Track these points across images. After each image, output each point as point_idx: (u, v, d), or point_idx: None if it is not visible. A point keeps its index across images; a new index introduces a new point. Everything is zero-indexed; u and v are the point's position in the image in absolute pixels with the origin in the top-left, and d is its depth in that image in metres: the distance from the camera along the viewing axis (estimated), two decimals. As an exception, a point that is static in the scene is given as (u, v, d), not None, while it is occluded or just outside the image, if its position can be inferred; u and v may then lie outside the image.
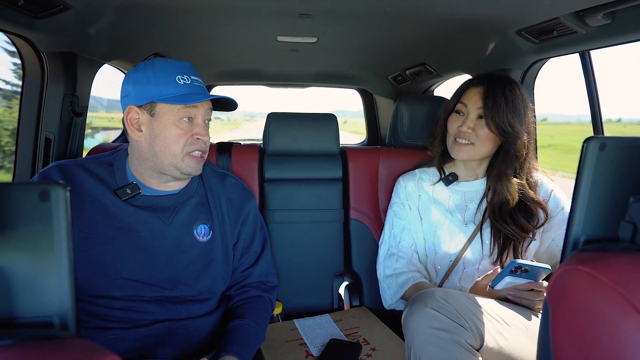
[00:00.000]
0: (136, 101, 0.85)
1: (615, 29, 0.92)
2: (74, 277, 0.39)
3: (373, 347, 1.03)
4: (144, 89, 0.84)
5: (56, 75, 1.16)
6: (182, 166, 0.87)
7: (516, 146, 1.00)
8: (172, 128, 0.85)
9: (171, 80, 0.83)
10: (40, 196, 0.37)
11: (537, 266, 0.83)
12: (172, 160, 0.86)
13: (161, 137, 0.85)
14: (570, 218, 0.48)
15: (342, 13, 1.15)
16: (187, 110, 0.85)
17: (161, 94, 0.83)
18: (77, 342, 0.36)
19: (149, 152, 0.87)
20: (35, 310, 0.37)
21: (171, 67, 0.85)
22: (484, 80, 1.03)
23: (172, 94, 0.83)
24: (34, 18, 0.96)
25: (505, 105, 0.98)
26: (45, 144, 1.18)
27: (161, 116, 0.84)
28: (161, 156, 0.86)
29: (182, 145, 0.86)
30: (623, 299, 0.37)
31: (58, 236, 0.37)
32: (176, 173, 0.88)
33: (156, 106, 0.84)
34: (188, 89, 0.84)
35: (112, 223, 0.86)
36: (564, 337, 0.43)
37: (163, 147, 0.85)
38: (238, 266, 1.01)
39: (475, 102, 1.02)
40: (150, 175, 0.90)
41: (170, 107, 0.84)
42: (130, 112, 0.86)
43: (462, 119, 1.05)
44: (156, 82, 0.83)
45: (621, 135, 0.51)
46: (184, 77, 0.85)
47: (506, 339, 0.80)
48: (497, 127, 0.99)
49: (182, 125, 0.85)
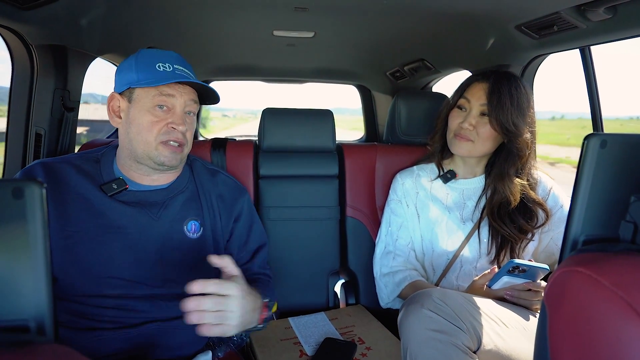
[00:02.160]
0: (117, 88, 0.86)
1: (616, 23, 0.90)
2: (51, 278, 0.37)
3: (368, 347, 1.02)
4: (125, 76, 0.84)
5: (46, 69, 1.14)
6: (155, 155, 0.85)
7: (519, 145, 0.98)
8: (146, 115, 0.84)
9: (151, 67, 0.83)
10: (14, 193, 0.35)
11: (535, 266, 0.82)
12: (145, 148, 0.85)
13: (135, 124, 0.84)
14: (570, 217, 0.47)
15: (339, 7, 1.13)
16: (162, 98, 0.84)
17: (138, 80, 0.83)
18: (53, 348, 0.34)
19: (125, 138, 0.87)
20: (10, 314, 0.35)
21: (154, 55, 0.85)
22: (490, 76, 1.00)
23: (149, 80, 0.82)
24: (22, 9, 0.93)
25: (510, 103, 0.95)
26: (36, 139, 1.16)
27: (137, 102, 0.84)
28: (135, 143, 0.85)
29: (156, 134, 0.84)
30: (624, 303, 0.35)
31: (33, 236, 0.36)
32: (150, 162, 0.87)
33: (134, 92, 0.84)
34: (167, 76, 0.83)
35: (97, 220, 0.84)
36: (561, 340, 0.42)
37: (136, 133, 0.85)
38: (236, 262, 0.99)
39: (479, 99, 1.00)
40: (130, 166, 0.89)
41: (146, 93, 0.84)
42: (112, 100, 0.87)
43: (464, 114, 1.03)
44: (136, 69, 0.83)
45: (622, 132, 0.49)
46: (166, 65, 0.84)
47: (504, 340, 0.79)
48: (501, 126, 0.97)
49: (157, 112, 0.84)
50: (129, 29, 1.31)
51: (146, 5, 1.12)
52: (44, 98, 1.15)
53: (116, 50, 1.44)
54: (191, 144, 0.93)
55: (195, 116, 0.93)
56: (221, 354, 0.93)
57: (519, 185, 1.00)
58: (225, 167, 1.25)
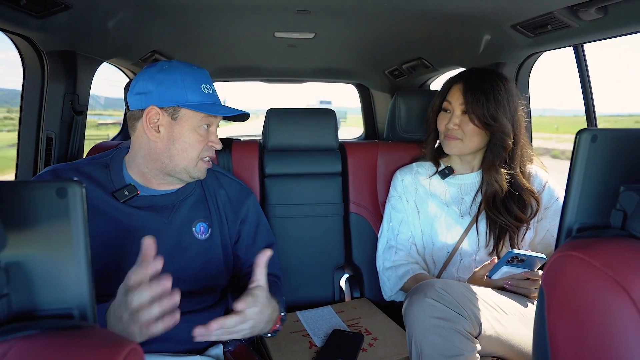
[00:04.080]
0: (159, 102, 0.85)
1: (608, 22, 0.94)
2: (92, 270, 0.40)
3: (375, 337, 1.05)
4: (169, 91, 0.84)
5: (56, 74, 1.16)
6: (194, 171, 0.90)
7: (502, 138, 1.02)
8: (192, 134, 0.87)
9: (198, 88, 0.86)
10: (58, 193, 0.38)
11: (533, 256, 0.85)
12: (187, 164, 0.89)
13: (180, 141, 0.87)
14: (564, 207, 0.50)
15: (340, 9, 1.16)
16: (207, 118, 0.88)
17: (187, 100, 0.85)
18: (97, 331, 0.38)
19: (164, 154, 0.88)
20: (56, 303, 0.38)
21: (197, 75, 0.87)
22: (463, 76, 1.07)
23: (198, 102, 0.86)
24: (35, 18, 0.96)
25: (486, 98, 1.00)
26: (47, 143, 1.18)
27: (184, 121, 0.86)
28: (177, 159, 0.88)
29: (199, 151, 0.89)
30: (614, 282, 0.39)
31: (76, 231, 0.39)
32: (185, 176, 0.91)
33: (180, 110, 0.86)
34: (211, 99, 0.88)
35: (111, 226, 0.86)
36: (558, 320, 0.45)
37: (181, 150, 0.87)
38: (245, 261, 1.02)
39: (458, 99, 1.05)
40: (155, 176, 0.91)
41: (194, 114, 0.86)
42: (151, 112, 0.85)
43: (448, 116, 1.08)
44: (183, 87, 0.84)
45: (612, 127, 0.53)
46: (207, 86, 0.88)
47: (503, 326, 0.82)
48: (480, 120, 1.01)
49: (202, 132, 0.88)
50: (134, 33, 1.33)
51: (150, 10, 1.15)
52: (55, 102, 1.18)
53: (122, 55, 1.46)
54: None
55: None
56: (232, 347, 0.96)
57: (505, 174, 1.04)
58: (231, 167, 1.28)
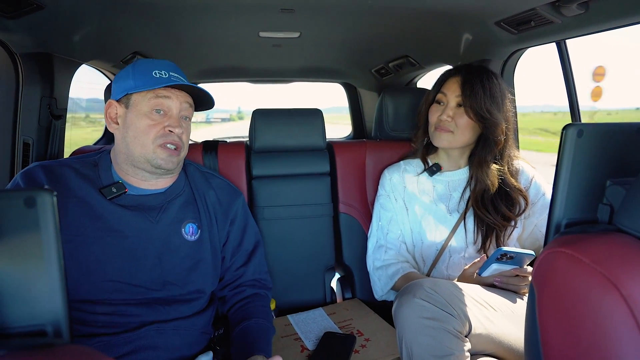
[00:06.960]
0: (115, 95, 0.89)
1: (589, 18, 0.95)
2: (66, 283, 0.38)
3: (367, 338, 1.05)
4: (122, 84, 0.87)
5: (32, 77, 1.12)
6: (153, 157, 0.87)
7: (495, 133, 1.03)
8: (143, 118, 0.86)
9: (147, 74, 0.86)
10: (26, 202, 0.36)
11: (522, 253, 0.86)
12: (142, 151, 0.86)
13: (132, 128, 0.86)
14: (552, 203, 0.50)
15: (325, 7, 1.15)
16: (158, 100, 0.86)
17: (135, 86, 0.85)
18: (72, 348, 0.35)
19: (122, 143, 0.88)
20: (28, 319, 0.36)
21: (150, 64, 0.88)
22: (462, 69, 1.07)
23: (145, 85, 0.85)
24: (7, 18, 0.92)
25: (483, 92, 1.01)
26: (24, 148, 1.14)
27: (134, 107, 0.87)
28: (132, 147, 0.87)
29: (153, 137, 0.86)
30: (603, 277, 0.39)
31: (47, 242, 0.36)
32: (147, 166, 0.88)
33: (131, 97, 0.87)
34: (163, 81, 0.86)
35: (97, 224, 0.84)
36: (549, 317, 0.45)
37: (133, 137, 0.86)
38: (230, 265, 1.00)
39: (454, 91, 1.05)
40: (127, 171, 0.90)
41: (142, 98, 0.86)
42: (110, 107, 0.89)
43: (442, 108, 1.08)
44: (133, 76, 0.86)
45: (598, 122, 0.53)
46: (162, 72, 0.87)
47: (493, 323, 0.82)
48: (476, 114, 1.02)
49: (154, 116, 0.87)
50: (113, 34, 1.29)
51: (130, 11, 1.12)
52: (31, 107, 1.13)
53: (102, 56, 1.42)
54: (187, 148, 0.94)
55: (190, 121, 0.95)
56: (221, 355, 0.95)
57: (496, 170, 1.05)
58: (217, 169, 1.25)
